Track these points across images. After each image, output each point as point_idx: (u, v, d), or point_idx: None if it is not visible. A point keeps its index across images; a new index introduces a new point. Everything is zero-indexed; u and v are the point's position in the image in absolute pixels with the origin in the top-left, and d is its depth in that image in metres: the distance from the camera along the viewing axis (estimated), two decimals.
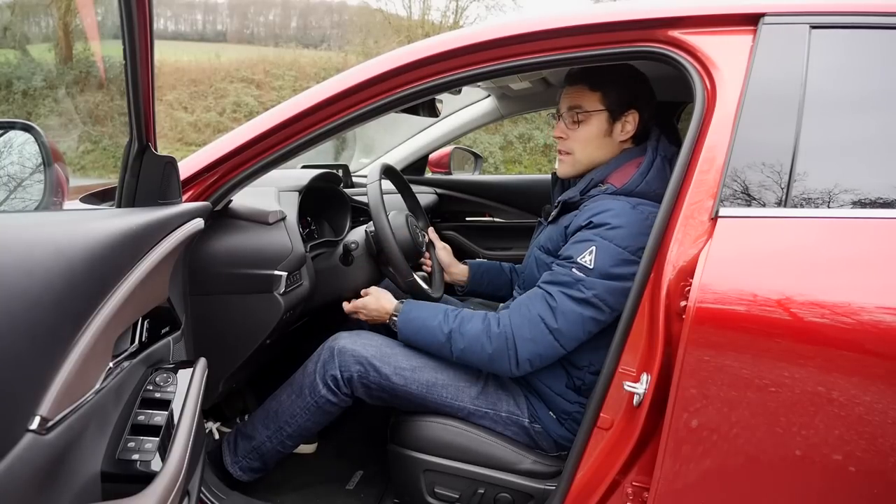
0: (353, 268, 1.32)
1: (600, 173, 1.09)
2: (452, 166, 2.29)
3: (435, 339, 1.08)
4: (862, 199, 0.77)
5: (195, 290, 1.01)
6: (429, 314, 1.10)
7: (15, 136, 0.79)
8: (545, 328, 0.99)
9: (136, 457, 0.60)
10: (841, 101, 0.82)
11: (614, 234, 0.97)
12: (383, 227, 1.18)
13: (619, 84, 1.09)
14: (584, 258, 0.98)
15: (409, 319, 1.12)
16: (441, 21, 13.50)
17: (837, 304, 0.71)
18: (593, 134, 1.11)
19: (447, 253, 1.45)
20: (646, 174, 1.04)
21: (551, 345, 0.99)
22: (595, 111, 1.10)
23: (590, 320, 0.98)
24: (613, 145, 1.11)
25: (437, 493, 1.11)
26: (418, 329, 1.10)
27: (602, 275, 0.96)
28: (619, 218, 0.98)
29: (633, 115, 1.09)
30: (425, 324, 1.09)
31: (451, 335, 1.05)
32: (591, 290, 0.97)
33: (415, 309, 1.13)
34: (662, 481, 0.80)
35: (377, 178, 1.22)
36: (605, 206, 1.01)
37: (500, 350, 1.01)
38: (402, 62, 0.96)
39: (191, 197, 0.98)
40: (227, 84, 11.57)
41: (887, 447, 0.71)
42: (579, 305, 0.98)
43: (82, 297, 0.55)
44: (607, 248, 0.97)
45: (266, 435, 1.18)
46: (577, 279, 0.98)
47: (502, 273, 1.45)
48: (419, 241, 1.32)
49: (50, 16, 10.17)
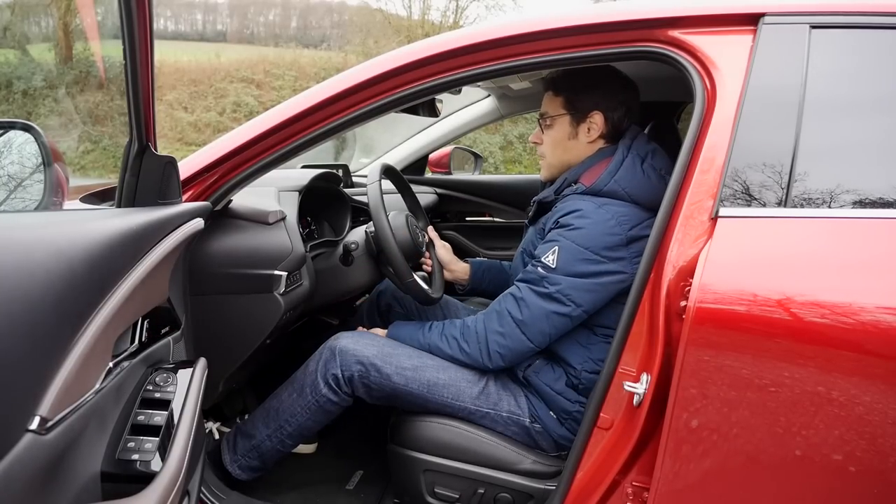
0: (353, 268, 1.32)
1: (573, 173, 1.12)
2: (452, 166, 2.29)
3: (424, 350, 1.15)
4: (862, 199, 0.77)
5: (195, 290, 1.01)
6: (412, 330, 1.18)
7: (15, 136, 0.79)
8: (511, 320, 1.04)
9: (135, 457, 0.60)
10: (841, 102, 0.82)
11: (576, 234, 1.01)
12: (383, 227, 1.18)
13: (579, 88, 1.12)
14: (547, 258, 1.02)
15: (396, 336, 1.19)
16: (441, 21, 13.50)
17: (837, 304, 0.71)
18: (558, 137, 1.15)
19: (447, 251, 1.45)
20: (614, 173, 1.05)
21: (518, 338, 1.04)
22: (557, 115, 1.14)
23: (554, 315, 1.02)
24: (581, 147, 1.14)
25: (437, 493, 1.11)
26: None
27: (565, 273, 1.01)
28: (582, 219, 1.01)
29: (597, 117, 1.11)
30: (411, 338, 1.17)
31: (434, 344, 1.14)
32: (554, 285, 1.01)
33: (397, 328, 1.21)
34: (662, 481, 0.80)
35: (377, 178, 1.22)
36: (573, 207, 1.04)
37: (474, 344, 1.09)
38: (402, 62, 0.96)
39: (191, 197, 0.98)
40: (227, 84, 11.56)
41: (887, 447, 0.71)
42: (542, 300, 1.02)
43: (82, 297, 0.55)
44: (569, 247, 1.00)
45: (266, 434, 1.18)
46: (542, 276, 1.02)
47: (503, 272, 1.45)
48: (419, 241, 1.32)
49: (50, 16, 10.17)
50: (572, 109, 1.13)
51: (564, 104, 1.13)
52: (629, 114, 1.13)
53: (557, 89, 1.14)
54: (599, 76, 1.12)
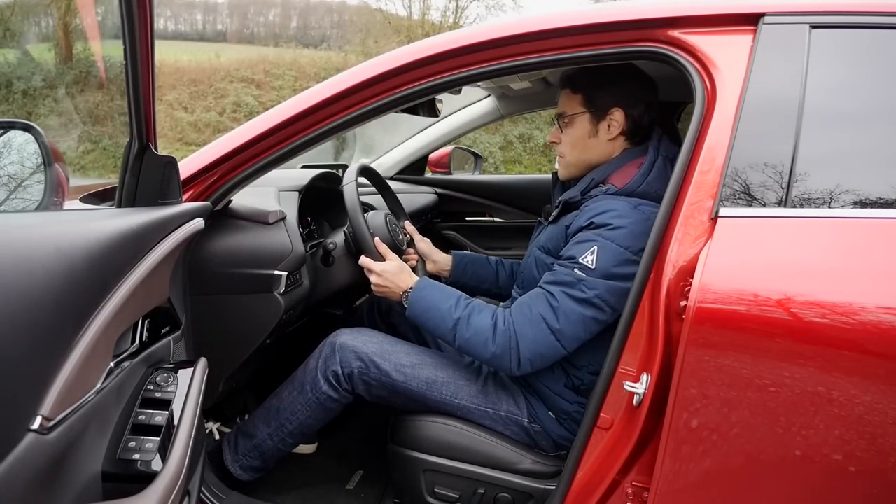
0: (333, 268, 1.32)
1: (601, 173, 1.09)
2: (452, 166, 2.30)
3: (442, 323, 1.05)
4: (862, 199, 0.77)
5: (195, 290, 1.01)
6: (441, 296, 1.08)
7: (15, 136, 0.79)
8: (546, 328, 0.99)
9: (136, 457, 0.60)
10: (841, 102, 0.82)
11: (616, 234, 0.97)
12: (360, 227, 1.17)
13: (599, 85, 1.10)
14: (585, 258, 0.98)
15: (421, 297, 1.09)
16: (441, 21, 13.50)
17: (837, 304, 0.71)
18: (578, 136, 1.12)
19: (427, 244, 1.44)
20: (647, 174, 1.03)
21: (552, 345, 0.99)
22: (577, 114, 1.11)
23: (591, 320, 0.98)
24: (601, 145, 1.11)
25: (437, 493, 1.11)
26: (427, 308, 1.08)
27: (604, 275, 0.96)
28: (620, 218, 0.98)
29: (617, 114, 1.09)
30: (436, 304, 1.07)
31: (458, 323, 1.03)
32: (592, 290, 0.96)
33: (429, 287, 1.10)
34: (662, 481, 0.80)
35: (353, 178, 1.22)
36: (607, 207, 1.00)
37: (503, 348, 1.00)
38: (402, 62, 0.96)
39: (191, 197, 0.98)
40: (227, 84, 11.56)
41: (887, 447, 0.71)
42: (581, 305, 0.97)
43: (83, 297, 0.55)
44: (609, 247, 0.97)
45: (267, 433, 1.19)
46: (579, 279, 0.97)
47: (487, 266, 1.43)
48: (399, 238, 1.32)
49: (50, 16, 10.16)
50: (592, 107, 1.10)
51: (583, 102, 1.10)
52: (648, 110, 1.11)
53: (576, 87, 1.11)
54: (618, 73, 1.10)
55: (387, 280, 1.14)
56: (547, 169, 10.06)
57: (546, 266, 1.08)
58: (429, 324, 1.08)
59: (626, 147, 1.12)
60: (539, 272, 1.10)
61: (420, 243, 1.43)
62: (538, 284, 1.04)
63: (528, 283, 1.13)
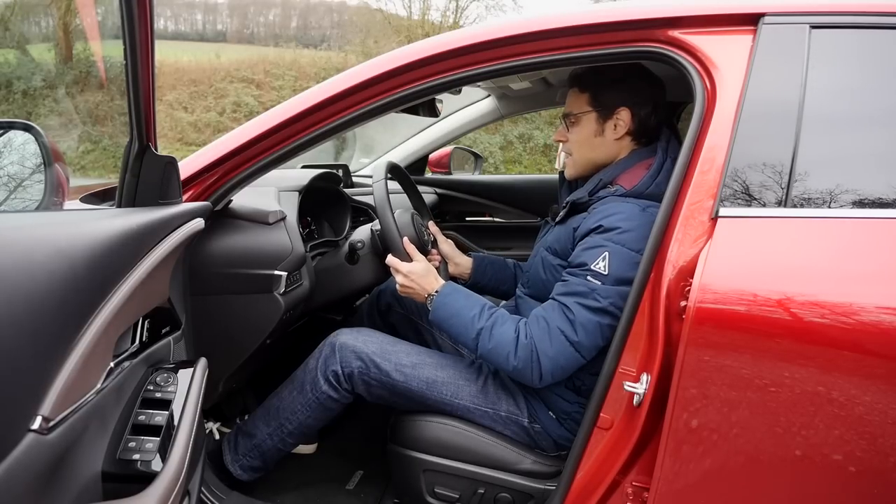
0: (358, 266, 1.32)
1: (609, 174, 1.08)
2: (452, 166, 2.30)
3: (465, 331, 1.04)
4: (862, 199, 0.77)
5: (196, 290, 1.01)
6: (466, 303, 1.07)
7: (15, 136, 0.79)
8: (566, 341, 0.98)
9: (136, 457, 0.60)
10: (841, 102, 0.82)
11: (626, 237, 0.97)
12: (389, 225, 1.16)
13: (605, 84, 1.09)
14: (597, 264, 0.97)
15: (445, 303, 1.08)
16: (441, 21, 13.50)
17: (837, 304, 0.71)
18: (584, 135, 1.11)
19: (450, 246, 1.44)
20: (655, 176, 1.03)
21: (573, 356, 0.98)
22: (583, 112, 1.11)
23: (607, 327, 0.97)
24: (608, 144, 1.11)
25: (437, 493, 1.11)
26: (452, 314, 1.07)
27: (617, 280, 0.95)
28: (629, 221, 0.98)
29: (624, 113, 1.08)
30: (460, 312, 1.06)
31: (482, 333, 1.03)
32: (607, 298, 0.96)
33: (454, 292, 1.09)
34: (662, 481, 0.80)
35: (383, 176, 1.21)
36: (615, 210, 1.00)
37: (525, 362, 0.99)
38: (402, 62, 0.96)
39: (191, 197, 0.98)
40: (227, 84, 11.56)
41: (887, 447, 0.71)
42: (597, 315, 0.97)
43: (83, 297, 0.55)
44: (620, 252, 0.96)
45: (267, 432, 1.19)
46: (592, 288, 0.97)
47: (506, 268, 1.44)
48: (425, 238, 1.31)
49: (50, 16, 10.17)
50: (598, 106, 1.09)
51: (590, 101, 1.10)
52: (656, 110, 1.10)
53: (583, 85, 1.11)
54: (626, 72, 1.10)
55: (413, 281, 1.13)
56: (547, 169, 10.05)
57: (553, 267, 1.08)
58: (452, 330, 1.07)
59: (633, 148, 1.11)
60: (546, 273, 1.10)
61: (443, 245, 1.42)
62: (552, 296, 1.03)
63: (534, 284, 1.13)
